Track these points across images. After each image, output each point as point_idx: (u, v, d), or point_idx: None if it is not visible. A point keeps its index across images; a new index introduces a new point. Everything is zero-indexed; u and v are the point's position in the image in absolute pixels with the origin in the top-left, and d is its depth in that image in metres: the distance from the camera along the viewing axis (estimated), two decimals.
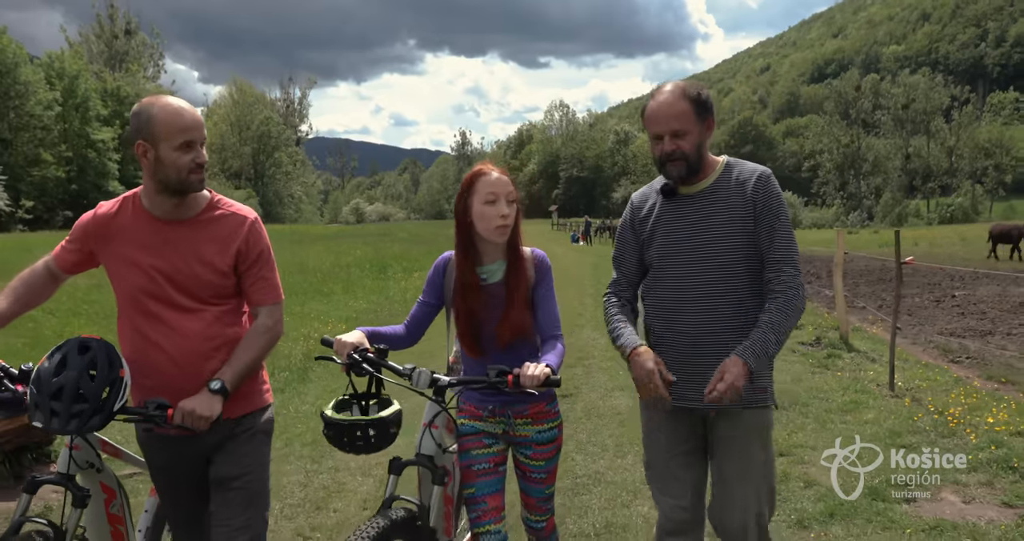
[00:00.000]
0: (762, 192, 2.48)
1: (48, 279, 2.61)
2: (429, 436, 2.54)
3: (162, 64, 79.21)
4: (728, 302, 2.47)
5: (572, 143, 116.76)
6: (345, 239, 34.50)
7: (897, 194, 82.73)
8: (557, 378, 2.32)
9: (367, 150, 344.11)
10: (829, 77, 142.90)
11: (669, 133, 2.47)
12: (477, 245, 2.60)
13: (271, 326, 2.44)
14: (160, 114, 2.29)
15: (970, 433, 5.03)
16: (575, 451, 5.08)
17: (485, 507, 2.60)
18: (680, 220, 2.56)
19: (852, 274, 18.00)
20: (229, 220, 2.45)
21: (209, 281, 2.41)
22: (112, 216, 2.46)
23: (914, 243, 34.44)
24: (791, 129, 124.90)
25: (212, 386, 2.28)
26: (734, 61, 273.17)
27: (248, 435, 2.50)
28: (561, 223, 68.16)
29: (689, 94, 2.47)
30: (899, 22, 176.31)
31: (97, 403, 2.23)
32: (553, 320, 2.60)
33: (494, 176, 2.56)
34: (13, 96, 52.13)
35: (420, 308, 2.72)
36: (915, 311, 12.58)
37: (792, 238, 2.49)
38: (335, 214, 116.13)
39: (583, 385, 7.10)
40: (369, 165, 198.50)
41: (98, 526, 2.64)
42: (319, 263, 19.52)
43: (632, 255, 2.70)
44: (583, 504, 4.18)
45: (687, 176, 2.51)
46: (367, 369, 2.42)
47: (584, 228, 44.42)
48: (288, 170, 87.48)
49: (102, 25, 73.44)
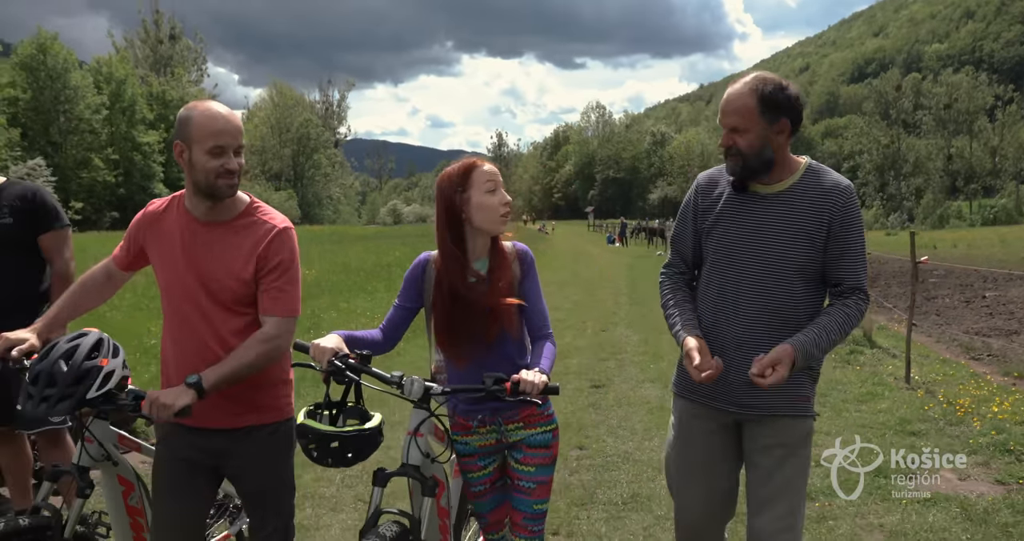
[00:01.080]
0: (842, 208, 2.37)
1: (105, 280, 2.69)
2: (415, 445, 2.40)
3: (205, 68, 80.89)
4: (779, 311, 2.38)
5: (608, 144, 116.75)
6: (384, 239, 35.27)
7: (939, 195, 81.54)
8: (556, 385, 2.29)
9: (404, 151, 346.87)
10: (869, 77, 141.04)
11: (727, 127, 2.38)
12: (467, 243, 2.51)
13: (273, 336, 2.37)
14: (198, 118, 2.32)
15: (976, 421, 5.39)
16: (606, 434, 5.54)
17: (488, 522, 2.67)
18: (747, 218, 2.43)
19: (885, 276, 18.15)
20: (258, 228, 2.44)
21: (230, 287, 2.41)
22: (160, 214, 2.53)
23: (953, 245, 34.22)
24: (830, 130, 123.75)
25: (188, 379, 2.25)
26: (772, 61, 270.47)
27: (265, 449, 2.50)
28: (597, 224, 68.39)
29: (759, 90, 2.33)
30: (942, 20, 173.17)
31: (65, 388, 2.31)
32: (542, 317, 2.56)
33: (487, 166, 2.51)
34: (63, 100, 53.78)
35: (397, 312, 2.61)
36: (944, 311, 12.80)
37: (866, 262, 2.41)
38: (373, 215, 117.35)
39: (615, 377, 7.55)
40: (406, 167, 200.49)
41: (118, 518, 2.71)
42: (361, 263, 20.19)
43: (690, 239, 2.60)
44: (613, 478, 4.64)
45: (743, 174, 2.41)
46: (350, 376, 2.31)
47: (620, 229, 44.67)
48: (327, 172, 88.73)
49: (147, 30, 75.18)
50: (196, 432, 2.45)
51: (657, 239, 38.21)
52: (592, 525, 3.96)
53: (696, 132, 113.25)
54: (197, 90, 71.02)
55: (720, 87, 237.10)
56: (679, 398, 2.65)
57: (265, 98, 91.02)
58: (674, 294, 2.60)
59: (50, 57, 53.09)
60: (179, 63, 74.89)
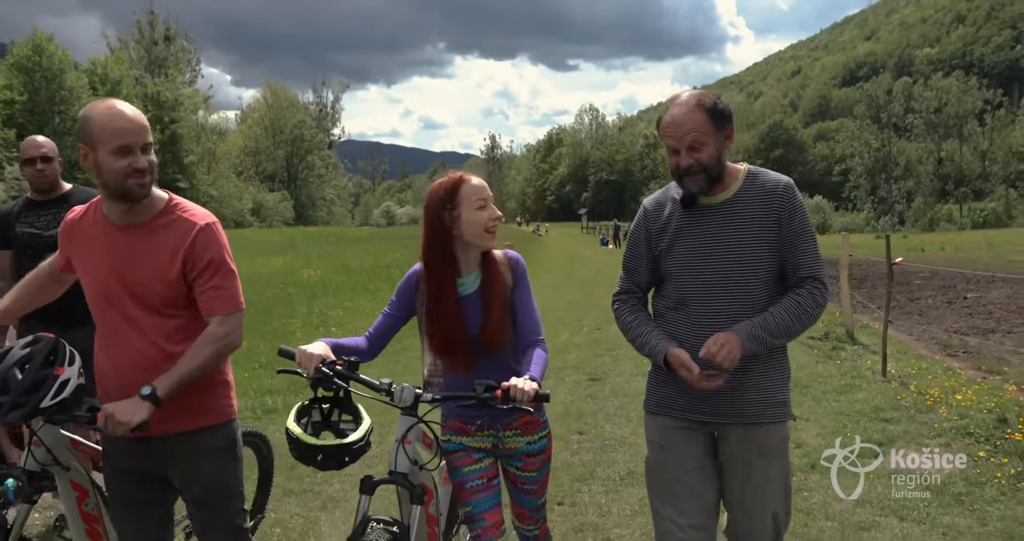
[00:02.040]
0: (787, 204, 2.44)
1: (51, 279, 2.67)
2: (403, 452, 2.39)
3: (199, 69, 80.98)
4: (747, 317, 2.40)
5: (602, 147, 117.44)
6: (380, 241, 35.70)
7: (929, 199, 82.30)
8: (546, 393, 2.29)
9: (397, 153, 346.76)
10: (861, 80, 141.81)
11: (686, 146, 2.40)
12: (457, 256, 2.52)
13: (221, 336, 2.32)
14: (98, 118, 2.23)
15: (943, 409, 5.86)
16: (604, 421, 5.99)
17: (484, 524, 2.57)
18: (700, 232, 2.49)
19: (872, 278, 18.64)
20: (178, 226, 2.36)
21: (157, 290, 2.33)
22: (78, 221, 2.46)
23: (941, 248, 34.83)
24: (822, 133, 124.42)
25: (142, 392, 2.18)
26: (765, 64, 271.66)
27: (208, 453, 2.44)
28: (591, 226, 68.87)
29: (704, 104, 2.39)
30: (933, 24, 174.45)
31: (17, 396, 2.25)
32: (533, 324, 2.56)
33: (476, 181, 2.51)
34: (58, 101, 53.87)
35: (386, 320, 2.62)
36: (926, 311, 13.30)
37: (817, 250, 2.48)
38: (366, 217, 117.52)
39: (611, 371, 8.00)
40: (400, 168, 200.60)
41: (74, 523, 2.67)
42: (361, 263, 20.65)
43: (645, 265, 2.64)
44: (610, 458, 5.09)
45: (708, 189, 2.45)
46: (338, 384, 2.32)
47: (613, 231, 45.18)
48: (321, 173, 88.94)
49: (142, 31, 75.19)
50: (137, 441, 2.36)
51: None
52: (593, 497, 4.41)
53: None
54: (191, 91, 71.14)
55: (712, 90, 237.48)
56: (654, 416, 2.65)
57: (259, 99, 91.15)
58: (635, 315, 2.63)
59: (45, 58, 53.22)
60: (173, 64, 74.97)
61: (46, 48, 53.42)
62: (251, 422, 6.09)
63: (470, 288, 2.54)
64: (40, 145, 3.93)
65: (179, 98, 64.68)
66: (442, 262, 2.50)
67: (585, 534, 3.90)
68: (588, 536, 3.88)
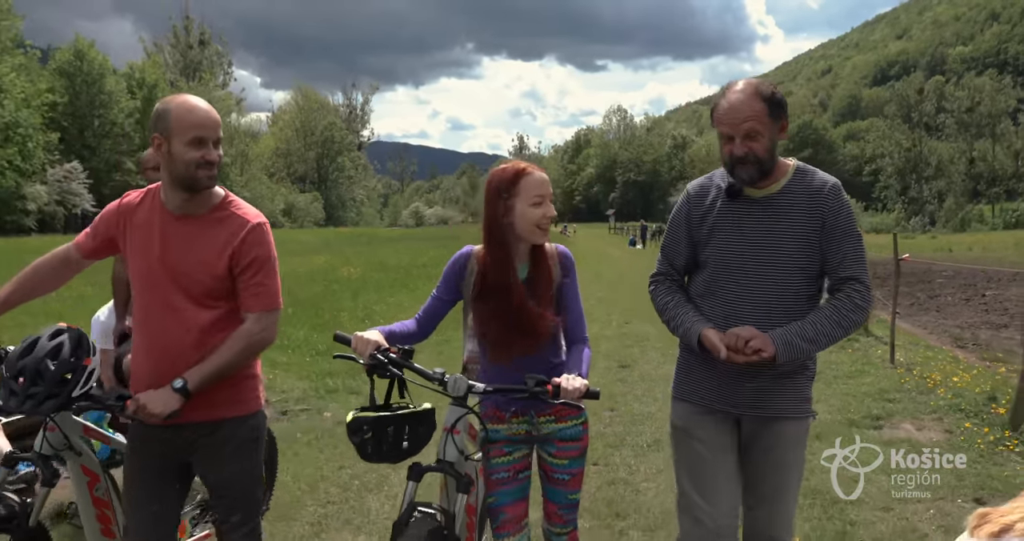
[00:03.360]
0: (833, 205, 2.42)
1: (62, 266, 2.64)
2: (451, 442, 2.41)
3: (231, 72, 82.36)
4: (782, 313, 2.41)
5: (629, 147, 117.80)
6: (412, 241, 36.59)
7: (960, 199, 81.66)
8: (596, 390, 2.33)
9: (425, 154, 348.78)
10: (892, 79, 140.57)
11: (742, 135, 2.36)
12: (511, 246, 2.52)
13: (255, 332, 2.40)
14: (176, 110, 2.33)
15: (941, 390, 6.46)
16: (633, 400, 6.66)
17: (505, 517, 2.61)
18: (743, 224, 2.48)
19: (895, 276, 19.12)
20: (231, 222, 2.44)
21: (202, 281, 2.40)
22: (135, 206, 2.51)
23: (968, 248, 34.99)
24: (852, 132, 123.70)
25: (174, 384, 2.27)
26: (795, 63, 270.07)
27: (233, 442, 2.49)
28: (618, 227, 69.33)
29: (763, 93, 2.36)
30: (966, 22, 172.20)
31: (53, 387, 2.33)
32: (581, 322, 2.61)
33: (538, 175, 2.49)
34: (98, 105, 55.39)
35: (434, 303, 2.63)
36: (944, 308, 13.79)
37: (863, 253, 2.46)
38: (395, 217, 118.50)
39: (639, 359, 8.67)
40: (428, 169, 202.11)
41: (85, 508, 2.72)
42: (398, 262, 21.49)
43: (684, 249, 2.63)
44: (638, 430, 5.76)
45: (757, 180, 2.42)
46: (392, 371, 2.34)
47: (641, 232, 45.70)
48: (351, 174, 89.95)
49: (177, 36, 76.64)
50: (164, 428, 2.42)
51: None
52: (624, 459, 5.09)
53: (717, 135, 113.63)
54: (224, 94, 72.44)
55: None
56: (681, 402, 2.68)
57: (290, 101, 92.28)
58: (672, 296, 2.63)
59: (86, 63, 54.76)
60: (207, 68, 76.25)
61: (87, 53, 54.98)
62: (314, 402, 6.82)
63: (520, 277, 2.54)
64: (151, 159, 4.65)
65: (213, 101, 65.85)
66: (499, 248, 2.50)
67: (617, 486, 4.58)
68: (619, 488, 4.55)
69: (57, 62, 54.99)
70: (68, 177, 49.13)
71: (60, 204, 48.44)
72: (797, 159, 2.56)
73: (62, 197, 48.73)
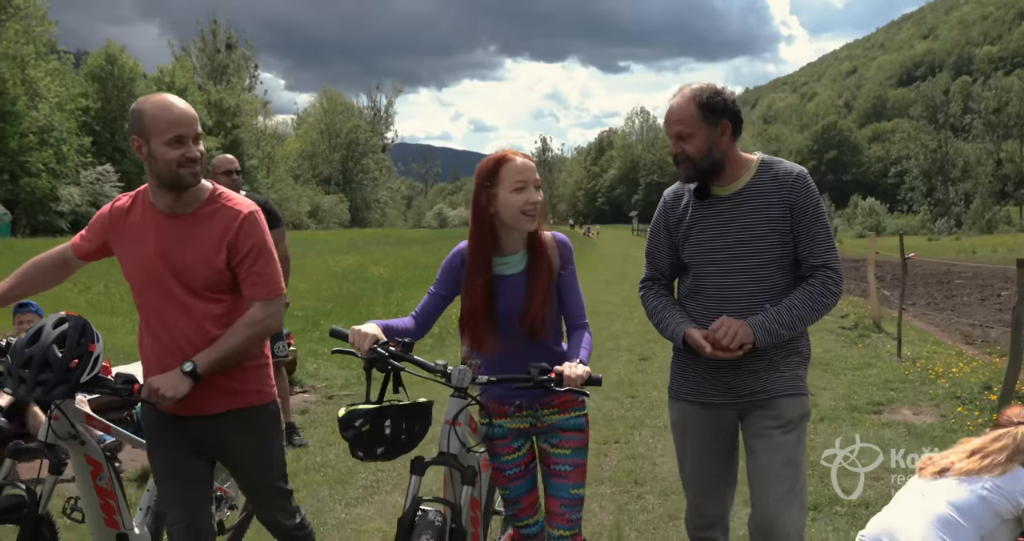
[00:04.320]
0: (800, 193, 2.49)
1: (60, 265, 2.70)
2: (453, 434, 2.38)
3: (257, 75, 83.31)
4: (763, 304, 2.49)
5: (652, 149, 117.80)
6: (438, 242, 37.16)
7: (987, 200, 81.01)
8: (598, 377, 2.32)
9: (448, 156, 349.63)
10: (918, 80, 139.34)
11: (673, 135, 2.53)
12: (499, 235, 2.52)
13: (260, 319, 2.44)
14: (151, 110, 2.32)
15: (941, 381, 6.90)
16: (651, 389, 7.15)
17: (520, 506, 2.70)
18: (713, 222, 2.57)
19: (912, 277, 19.41)
20: (223, 215, 2.45)
21: (202, 274, 2.43)
22: (125, 210, 2.53)
23: (993, 250, 34.91)
24: (877, 134, 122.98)
25: (184, 368, 2.32)
26: (819, 64, 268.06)
27: (255, 428, 2.56)
28: (641, 229, 69.57)
29: (698, 97, 2.48)
30: (994, 22, 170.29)
31: (62, 373, 2.36)
32: (580, 307, 2.60)
33: (519, 161, 2.47)
34: (128, 109, 56.60)
35: (432, 299, 2.62)
36: (959, 307, 14.11)
37: (832, 240, 2.54)
38: (418, 219, 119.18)
39: (659, 353, 9.13)
40: (451, 171, 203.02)
41: (88, 498, 2.73)
42: (425, 261, 22.07)
43: (666, 253, 2.74)
44: (656, 414, 6.25)
45: (695, 178, 2.55)
46: (393, 364, 2.31)
47: None
48: (375, 176, 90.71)
49: (205, 40, 77.64)
50: (186, 420, 2.50)
51: None
52: (643, 438, 5.59)
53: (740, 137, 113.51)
54: (251, 97, 73.42)
55: (766, 91, 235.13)
56: (678, 402, 2.76)
57: (314, 104, 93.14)
58: (659, 300, 2.73)
59: (117, 67, 55.82)
60: (234, 71, 77.11)
61: (119, 58, 56.08)
62: (356, 388, 7.36)
63: (515, 268, 2.54)
64: (234, 160, 5.24)
65: (240, 104, 66.92)
66: (481, 240, 2.51)
67: (636, 460, 5.07)
68: (638, 461, 5.05)
69: (89, 67, 56.06)
70: (100, 179, 50.13)
71: (92, 205, 49.42)
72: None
73: (94, 198, 49.65)
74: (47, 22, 49.88)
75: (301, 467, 4.95)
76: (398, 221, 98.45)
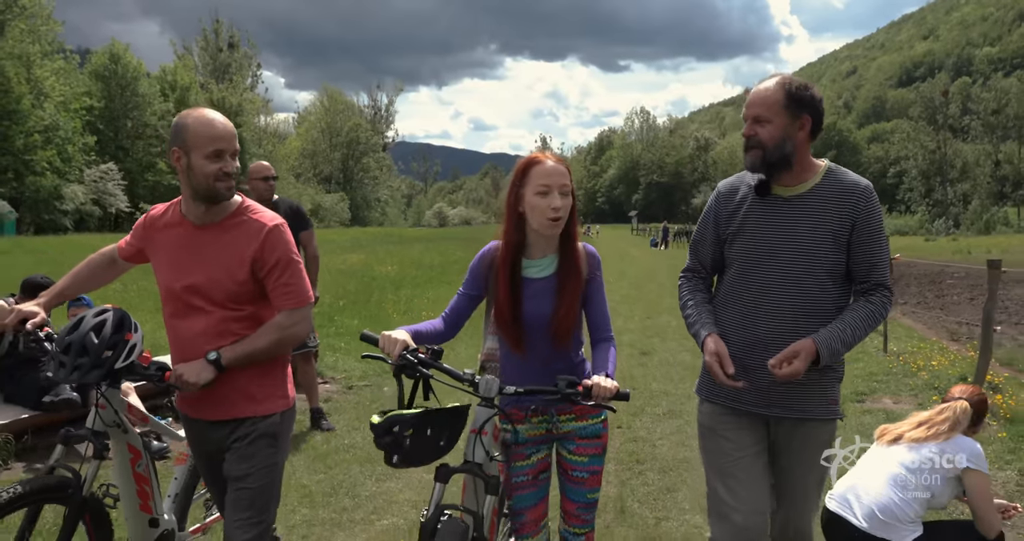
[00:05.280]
0: (866, 207, 2.42)
1: (109, 265, 2.85)
2: (479, 443, 2.38)
3: (259, 74, 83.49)
4: (808, 312, 2.42)
5: (652, 149, 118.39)
6: (441, 241, 37.69)
7: (986, 201, 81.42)
8: (627, 392, 2.31)
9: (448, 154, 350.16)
10: (918, 80, 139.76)
11: (751, 117, 2.45)
12: (529, 237, 2.52)
13: (287, 326, 2.49)
14: (194, 124, 2.40)
15: (922, 373, 7.38)
16: (652, 380, 7.64)
17: (524, 519, 2.65)
18: (771, 222, 2.49)
19: (906, 277, 19.92)
20: (248, 227, 2.51)
21: (225, 286, 2.47)
22: (159, 218, 2.64)
23: (987, 250, 35.40)
24: (876, 134, 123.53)
25: (208, 356, 2.41)
26: (819, 64, 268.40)
27: (257, 438, 2.53)
28: (640, 228, 70.02)
29: (787, 86, 2.42)
30: (994, 23, 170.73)
31: (98, 359, 2.51)
32: (605, 320, 2.60)
33: (549, 165, 2.45)
34: (131, 108, 56.83)
35: (461, 300, 2.62)
36: (948, 306, 14.61)
37: (888, 258, 2.50)
38: (418, 217, 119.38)
39: (659, 348, 9.65)
40: (451, 170, 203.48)
41: (125, 484, 2.86)
42: (430, 260, 22.61)
43: (711, 246, 2.66)
44: (655, 402, 6.74)
45: (762, 168, 2.46)
46: (422, 372, 2.31)
47: (663, 234, 46.51)
48: (375, 175, 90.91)
49: (207, 38, 77.82)
50: (210, 425, 2.58)
51: None
52: (643, 423, 6.07)
53: (740, 137, 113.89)
54: (252, 96, 73.68)
55: None
56: (706, 402, 2.71)
57: (315, 103, 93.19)
58: (693, 295, 2.68)
59: (121, 66, 56.14)
60: (237, 70, 77.25)
61: (122, 57, 56.42)
62: (373, 379, 7.83)
63: (544, 271, 2.53)
64: (270, 167, 5.70)
65: (242, 103, 67.17)
66: (511, 240, 2.52)
67: (637, 442, 5.55)
68: (640, 443, 5.53)
69: (93, 65, 56.37)
70: (104, 177, 50.53)
71: (96, 203, 49.86)
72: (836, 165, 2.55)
73: (98, 197, 50.09)
74: (53, 21, 50.16)
75: (332, 448, 5.41)
76: (398, 220, 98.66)
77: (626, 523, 4.16)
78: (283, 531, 3.89)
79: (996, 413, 5.90)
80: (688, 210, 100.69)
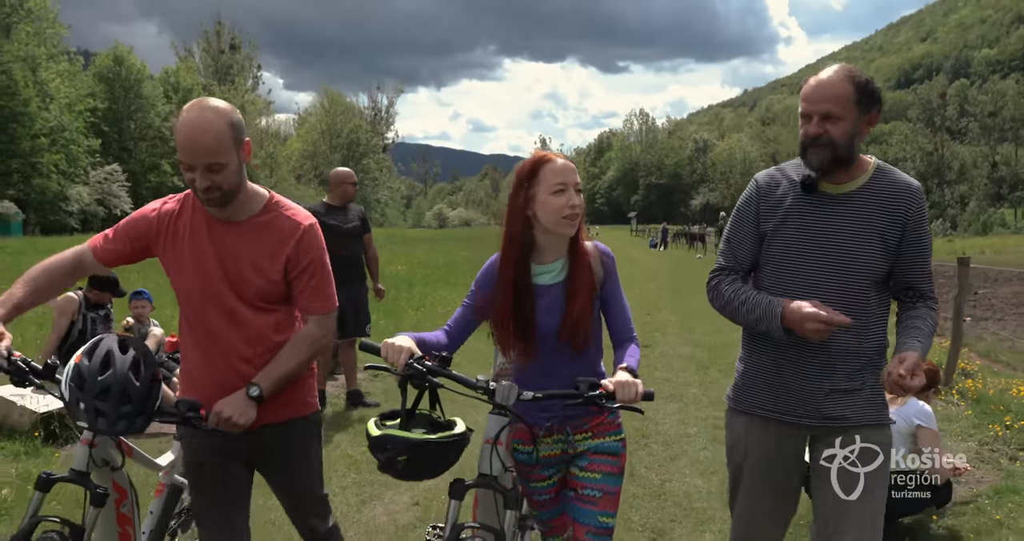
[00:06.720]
0: (917, 210, 2.30)
1: (75, 268, 2.48)
2: (495, 455, 2.24)
3: (260, 76, 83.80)
4: (848, 314, 2.22)
5: (651, 150, 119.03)
6: (444, 242, 38.34)
7: (983, 203, 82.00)
8: (651, 391, 2.17)
9: (447, 156, 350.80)
10: (916, 82, 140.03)
11: (820, 114, 2.25)
12: (538, 241, 2.37)
13: (319, 337, 2.40)
14: (178, 127, 2.21)
15: None
16: (653, 370, 8.26)
17: (552, 527, 2.58)
18: (814, 220, 2.34)
19: None
20: (282, 225, 2.39)
21: (256, 285, 2.36)
22: (175, 215, 2.41)
23: (981, 251, 36.09)
24: (875, 136, 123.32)
25: (251, 393, 2.26)
26: (818, 66, 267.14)
27: (299, 440, 2.51)
28: (640, 229, 70.55)
29: (855, 78, 2.25)
30: (992, 25, 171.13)
31: (140, 405, 2.20)
32: (627, 320, 2.43)
33: (560, 163, 2.33)
34: (135, 109, 57.34)
35: (465, 311, 2.44)
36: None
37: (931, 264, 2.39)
38: (418, 219, 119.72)
39: (660, 342, 10.27)
40: (450, 171, 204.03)
41: (107, 526, 2.58)
42: (436, 260, 23.22)
43: (749, 242, 2.46)
44: (657, 389, 7.32)
45: (828, 167, 2.28)
46: (431, 381, 2.13)
47: (662, 235, 47.11)
48: (376, 176, 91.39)
49: (209, 40, 78.18)
50: (228, 435, 2.34)
51: (697, 243, 41.10)
52: (647, 405, 6.64)
53: (738, 139, 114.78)
54: (255, 97, 74.09)
55: (764, 92, 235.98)
56: (740, 414, 2.52)
57: (315, 104, 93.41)
58: (737, 285, 2.45)
59: (125, 69, 56.57)
60: (238, 72, 77.56)
61: (126, 59, 56.89)
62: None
63: (555, 277, 2.39)
64: (353, 174, 6.38)
65: (243, 104, 67.45)
66: (519, 245, 2.35)
67: (643, 421, 6.16)
68: (645, 422, 6.14)
69: (97, 68, 56.82)
70: (109, 179, 51.02)
71: (101, 204, 50.36)
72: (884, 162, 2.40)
73: (103, 198, 50.58)
74: (58, 24, 50.64)
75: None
76: (398, 221, 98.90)
77: (635, 484, 4.77)
78: (337, 491, 4.49)
79: (965, 395, 6.53)
80: (687, 211, 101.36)
